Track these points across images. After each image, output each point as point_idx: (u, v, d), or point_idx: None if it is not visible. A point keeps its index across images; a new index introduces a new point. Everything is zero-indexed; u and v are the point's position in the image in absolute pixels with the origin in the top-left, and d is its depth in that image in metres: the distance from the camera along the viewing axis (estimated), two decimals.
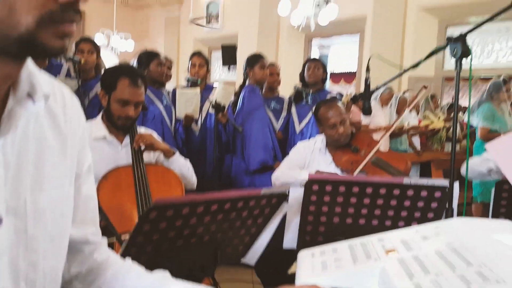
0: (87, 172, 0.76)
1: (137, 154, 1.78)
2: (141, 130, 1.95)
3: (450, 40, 1.29)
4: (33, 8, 0.48)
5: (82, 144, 0.73)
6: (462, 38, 1.29)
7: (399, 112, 5.04)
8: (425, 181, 1.31)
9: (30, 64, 0.58)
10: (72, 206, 0.70)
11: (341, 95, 3.75)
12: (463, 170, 1.64)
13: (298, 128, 3.43)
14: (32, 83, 0.58)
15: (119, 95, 1.79)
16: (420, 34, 6.64)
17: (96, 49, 3.08)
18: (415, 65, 1.50)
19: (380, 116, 4.83)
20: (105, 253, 0.80)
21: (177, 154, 1.95)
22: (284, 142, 3.51)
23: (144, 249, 1.05)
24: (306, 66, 3.44)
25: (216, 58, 10.15)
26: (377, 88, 1.73)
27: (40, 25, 0.49)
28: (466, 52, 1.25)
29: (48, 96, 0.61)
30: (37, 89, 0.58)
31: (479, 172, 1.89)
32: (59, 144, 0.66)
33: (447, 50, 1.31)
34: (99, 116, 1.89)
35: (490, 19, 1.28)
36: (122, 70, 1.85)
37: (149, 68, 3.04)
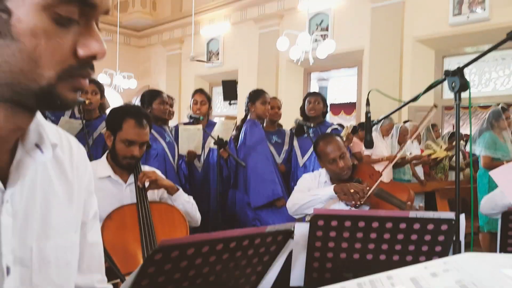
0: (93, 219, 0.76)
1: (141, 192, 1.78)
2: (145, 168, 1.96)
3: (448, 73, 1.31)
4: (56, 63, 0.51)
5: (88, 192, 0.74)
6: (459, 71, 1.31)
7: (401, 142, 5.05)
8: (431, 214, 1.30)
9: (38, 115, 0.60)
10: (78, 254, 0.70)
11: (342, 127, 3.78)
12: (482, 209, 1.59)
13: (301, 161, 3.43)
14: (40, 134, 0.59)
15: (124, 135, 1.81)
16: (417, 65, 6.76)
17: (100, 89, 3.13)
18: (415, 99, 1.52)
19: (382, 147, 4.84)
20: None
21: (181, 190, 1.96)
22: (287, 176, 3.50)
23: None
24: (307, 100, 3.48)
25: (217, 93, 10.31)
26: (378, 121, 1.75)
27: (60, 79, 0.52)
28: (464, 85, 1.27)
29: (56, 145, 0.62)
30: (45, 139, 0.60)
31: (503, 205, 1.79)
32: (66, 192, 0.66)
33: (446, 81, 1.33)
34: (104, 156, 1.91)
35: (487, 52, 1.31)
36: (127, 110, 1.88)
37: (152, 107, 3.08)
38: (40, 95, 0.52)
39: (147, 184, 1.83)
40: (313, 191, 2.15)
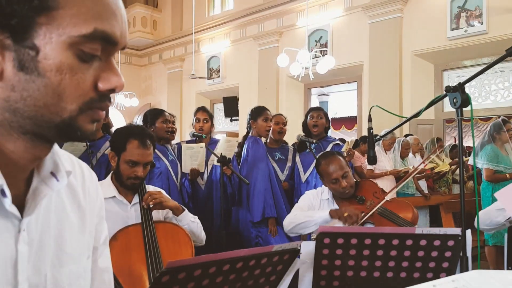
0: (103, 244, 0.77)
1: (146, 212, 1.78)
2: (150, 188, 1.96)
3: (448, 89, 1.32)
4: (78, 97, 0.53)
5: (100, 217, 0.75)
6: (460, 87, 1.32)
7: (403, 156, 5.05)
8: (437, 230, 1.29)
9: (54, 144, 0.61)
10: (89, 281, 0.70)
11: (343, 142, 3.79)
12: (476, 222, 1.61)
13: (303, 177, 3.43)
14: (56, 162, 0.61)
15: (128, 156, 1.82)
16: (417, 79, 6.81)
17: None
18: (416, 114, 1.53)
19: (384, 161, 4.84)
20: None
21: (186, 211, 1.95)
22: (291, 191, 3.50)
23: None
24: (310, 115, 3.49)
25: (218, 110, 10.36)
26: (381, 137, 1.76)
27: (81, 112, 0.54)
28: (466, 101, 1.28)
29: (70, 172, 0.63)
30: (60, 168, 0.61)
31: (497, 223, 1.83)
32: (79, 218, 0.67)
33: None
34: (109, 177, 1.91)
35: (486, 69, 1.32)
36: (131, 131, 1.89)
37: (155, 126, 3.10)
38: (62, 127, 0.53)
39: (152, 205, 1.83)
40: (309, 213, 2.14)
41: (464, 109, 1.35)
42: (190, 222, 1.93)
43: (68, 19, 0.50)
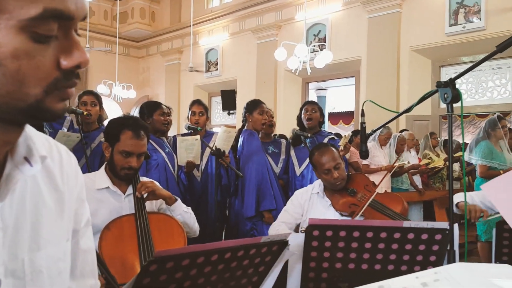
0: (85, 226, 0.77)
1: (139, 202, 1.79)
2: (143, 179, 1.97)
3: (439, 85, 1.33)
4: (41, 80, 0.51)
5: (80, 200, 0.75)
6: (451, 82, 1.33)
7: (398, 151, 5.07)
8: (425, 224, 1.31)
9: (27, 127, 0.60)
10: (69, 263, 0.71)
11: (339, 136, 3.80)
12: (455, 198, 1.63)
13: (298, 171, 3.44)
14: (29, 147, 0.60)
15: (122, 147, 1.82)
16: (414, 74, 6.81)
17: (99, 101, 3.16)
18: (408, 109, 1.54)
19: (380, 156, 4.86)
20: None
21: (179, 201, 1.97)
22: (285, 186, 3.51)
23: None
24: (304, 109, 3.50)
25: (216, 103, 10.35)
26: (373, 132, 1.77)
27: (47, 94, 0.52)
28: (456, 96, 1.29)
29: (45, 157, 0.63)
30: (33, 152, 0.60)
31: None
32: (56, 202, 0.67)
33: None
34: (103, 168, 1.92)
35: (478, 64, 1.33)
36: (125, 122, 1.89)
37: (152, 118, 3.10)
38: (29, 111, 0.52)
39: (145, 194, 1.84)
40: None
41: (456, 105, 1.37)
42: (183, 212, 1.94)
43: (13, 2, 0.48)
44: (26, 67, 0.50)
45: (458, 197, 1.93)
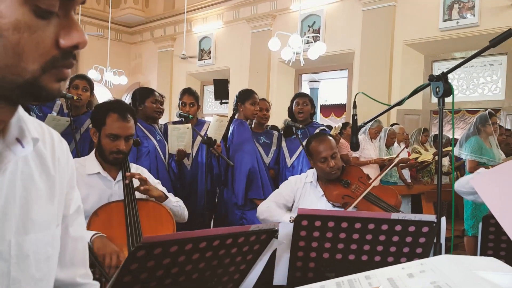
0: (76, 213, 0.76)
1: (129, 189, 1.78)
2: (133, 166, 1.96)
3: (432, 78, 1.34)
4: (39, 56, 0.51)
5: (71, 186, 0.74)
6: (443, 76, 1.33)
7: (388, 145, 5.11)
8: (412, 216, 1.32)
9: (19, 109, 0.60)
10: (58, 248, 0.70)
11: (330, 128, 3.81)
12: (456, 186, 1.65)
13: (289, 162, 3.45)
14: (21, 128, 0.59)
15: (108, 130, 1.82)
16: (407, 69, 6.84)
17: (90, 86, 3.12)
18: (399, 103, 1.55)
19: (370, 149, 4.89)
20: None
21: (169, 198, 1.97)
22: (276, 177, 3.52)
23: None
24: (295, 102, 3.49)
25: (208, 92, 10.29)
26: (364, 124, 1.77)
27: (44, 71, 0.52)
28: (448, 90, 1.30)
29: (37, 140, 0.62)
30: (26, 134, 0.59)
31: (471, 186, 1.90)
32: (47, 186, 0.67)
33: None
34: (92, 153, 1.91)
35: (470, 59, 1.33)
36: (110, 106, 1.89)
37: (144, 105, 3.07)
38: (25, 88, 0.52)
39: (136, 183, 1.83)
40: (278, 212, 2.18)
41: (448, 100, 1.37)
42: (173, 207, 1.94)
43: None
44: (26, 41, 0.50)
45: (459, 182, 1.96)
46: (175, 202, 1.98)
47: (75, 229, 0.76)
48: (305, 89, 10.26)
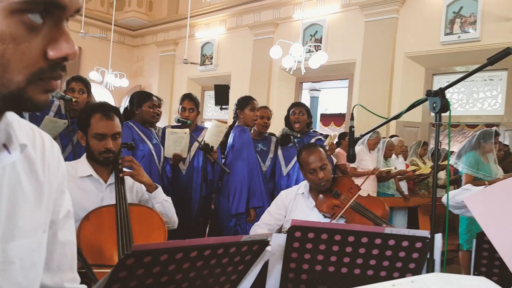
0: (65, 217, 0.76)
1: (120, 193, 1.77)
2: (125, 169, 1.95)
3: (429, 94, 1.34)
4: (25, 67, 0.50)
5: (60, 191, 0.73)
6: (441, 92, 1.33)
7: (386, 156, 5.10)
8: (406, 231, 1.31)
9: (8, 114, 0.59)
10: (44, 255, 0.69)
11: (327, 137, 3.80)
12: (443, 199, 1.66)
13: (284, 170, 3.44)
14: (9, 134, 0.58)
15: (94, 130, 1.82)
16: (407, 81, 6.85)
17: (87, 88, 3.11)
18: (397, 116, 1.54)
19: (368, 160, 4.89)
20: None
21: (160, 188, 1.98)
22: (271, 185, 3.51)
23: None
24: (292, 111, 3.49)
25: (209, 97, 10.31)
26: (361, 136, 1.77)
27: (30, 83, 0.51)
28: (445, 106, 1.30)
29: (25, 146, 0.61)
30: (13, 140, 0.59)
31: (457, 200, 1.92)
32: (35, 191, 0.66)
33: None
34: (84, 156, 1.90)
35: (467, 76, 1.33)
36: (93, 107, 1.90)
37: (141, 109, 3.07)
38: (10, 99, 0.51)
39: (129, 168, 1.85)
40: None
41: (446, 115, 1.37)
42: (164, 201, 1.95)
43: None
44: (11, 52, 0.48)
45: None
46: (165, 197, 1.99)
47: (64, 233, 0.76)
48: (306, 97, 10.28)
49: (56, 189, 0.72)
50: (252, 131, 3.51)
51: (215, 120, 3.18)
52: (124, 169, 1.89)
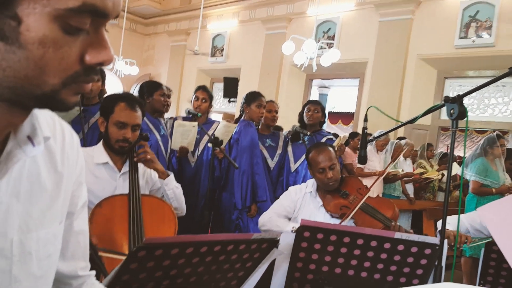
0: (81, 208, 0.76)
1: (134, 183, 1.79)
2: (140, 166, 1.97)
3: (447, 100, 1.32)
4: (62, 71, 0.50)
5: (78, 183, 0.74)
6: (459, 99, 1.32)
7: (394, 158, 5.08)
8: (416, 237, 1.31)
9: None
10: (60, 246, 0.70)
11: (337, 136, 3.80)
12: (438, 224, 1.66)
13: (293, 166, 3.44)
14: (34, 126, 0.58)
15: (116, 117, 1.84)
16: (418, 83, 6.80)
17: (102, 76, 3.12)
18: (413, 120, 1.53)
19: (375, 161, 4.87)
20: (93, 286, 0.80)
21: (172, 176, 2.01)
22: (278, 180, 3.51)
23: (129, 287, 1.03)
24: (306, 108, 3.49)
25: (218, 89, 10.29)
26: (374, 139, 1.76)
27: (65, 85, 0.51)
28: (462, 113, 1.28)
29: (48, 138, 0.61)
30: (37, 132, 0.59)
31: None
32: (54, 183, 0.66)
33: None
34: (101, 143, 1.92)
35: (488, 84, 1.32)
36: (120, 95, 1.93)
37: (153, 97, 3.08)
38: (42, 99, 0.51)
39: (144, 158, 1.89)
40: (282, 222, 2.18)
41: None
42: (175, 188, 1.99)
43: None
44: (51, 56, 0.49)
45: (449, 220, 1.93)
46: (176, 184, 2.02)
47: (79, 223, 0.76)
48: (315, 94, 10.24)
49: (74, 181, 0.72)
50: (260, 126, 3.50)
51: (224, 121, 3.20)
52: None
